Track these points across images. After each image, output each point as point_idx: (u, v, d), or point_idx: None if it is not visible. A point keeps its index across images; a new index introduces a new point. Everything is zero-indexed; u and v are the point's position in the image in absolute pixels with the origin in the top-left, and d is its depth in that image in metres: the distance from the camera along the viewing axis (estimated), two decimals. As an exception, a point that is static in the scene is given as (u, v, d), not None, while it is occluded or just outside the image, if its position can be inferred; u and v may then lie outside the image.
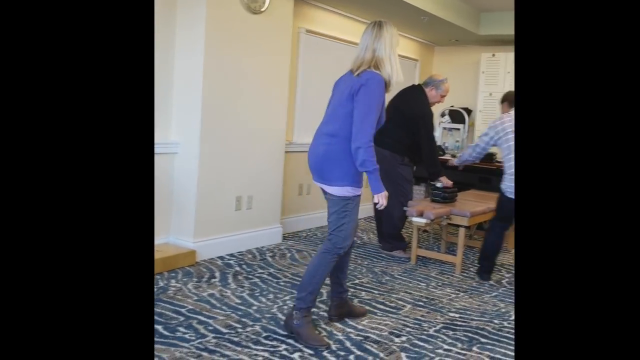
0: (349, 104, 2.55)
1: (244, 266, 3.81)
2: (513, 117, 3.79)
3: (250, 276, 3.60)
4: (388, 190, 4.30)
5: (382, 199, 2.64)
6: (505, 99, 4.24)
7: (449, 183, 4.31)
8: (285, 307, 3.08)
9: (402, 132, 4.24)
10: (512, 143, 3.67)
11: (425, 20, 5.44)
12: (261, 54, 4.19)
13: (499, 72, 6.33)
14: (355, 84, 2.56)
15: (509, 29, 5.97)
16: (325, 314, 2.99)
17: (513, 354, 2.69)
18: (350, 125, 2.54)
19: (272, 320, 2.88)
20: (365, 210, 5.96)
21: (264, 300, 3.18)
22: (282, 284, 3.49)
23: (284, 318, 2.88)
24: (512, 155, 3.67)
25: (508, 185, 3.72)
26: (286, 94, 4.48)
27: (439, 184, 4.26)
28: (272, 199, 4.47)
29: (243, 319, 2.89)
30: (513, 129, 3.72)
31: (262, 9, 4.16)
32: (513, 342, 2.82)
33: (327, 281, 3.04)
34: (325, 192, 2.72)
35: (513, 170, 3.65)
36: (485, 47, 6.65)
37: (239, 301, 3.14)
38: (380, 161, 4.32)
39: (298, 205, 5.10)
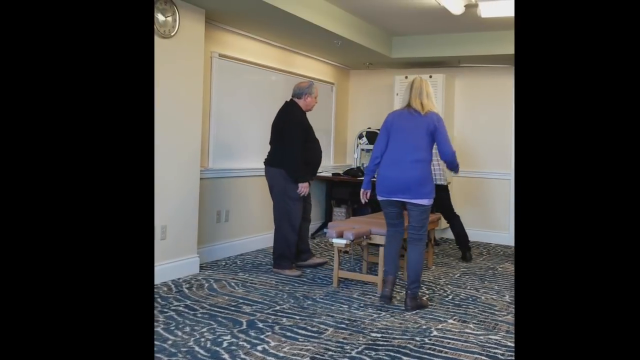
0: (429, 137, 3.58)
1: (159, 299, 3.63)
2: None
3: (165, 309, 3.42)
4: (277, 208, 4.34)
5: None
6: None
7: (306, 191, 4.39)
8: (203, 339, 2.94)
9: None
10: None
11: (339, 44, 5.51)
12: (173, 79, 4.08)
13: (412, 93, 6.48)
14: (431, 122, 3.57)
15: (419, 52, 6.16)
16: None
17: (434, 370, 2.69)
18: (429, 153, 3.61)
19: (189, 354, 2.74)
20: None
21: (179, 333, 3.03)
22: (199, 315, 3.34)
23: (201, 352, 2.76)
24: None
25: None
26: (200, 119, 4.37)
27: (298, 190, 4.35)
28: (188, 228, 4.31)
29: (157, 355, 2.72)
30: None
31: (172, 34, 4.07)
32: (434, 358, 2.82)
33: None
34: (393, 206, 3.69)
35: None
36: (398, 69, 6.82)
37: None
38: (274, 178, 4.37)
39: (216, 233, 4.95)
